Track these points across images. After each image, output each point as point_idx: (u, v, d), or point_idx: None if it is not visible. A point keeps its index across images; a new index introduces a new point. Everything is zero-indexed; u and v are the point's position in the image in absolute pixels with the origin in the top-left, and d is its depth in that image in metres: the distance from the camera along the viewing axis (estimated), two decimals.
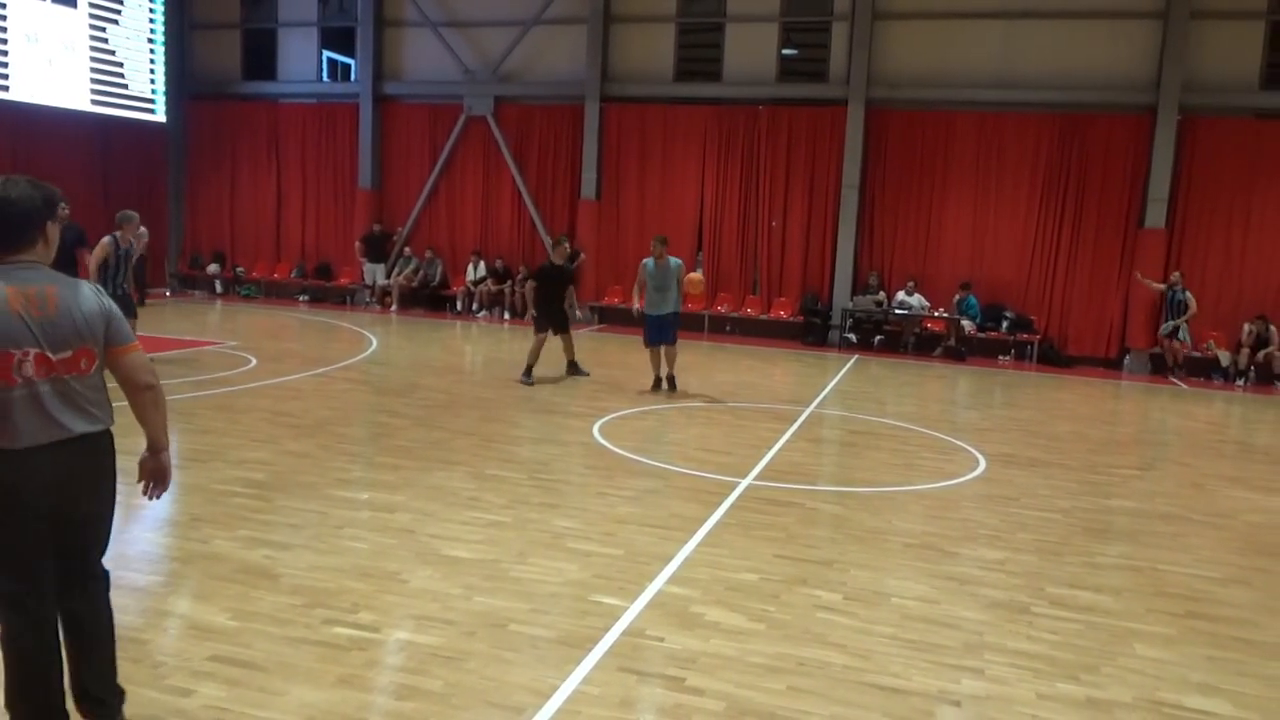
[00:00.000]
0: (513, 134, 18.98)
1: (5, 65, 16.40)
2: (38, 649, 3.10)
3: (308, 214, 20.58)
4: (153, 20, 19.38)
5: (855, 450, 9.05)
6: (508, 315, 18.52)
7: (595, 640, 4.30)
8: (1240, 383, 14.86)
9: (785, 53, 17.65)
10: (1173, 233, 15.75)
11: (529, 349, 11.30)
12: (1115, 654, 4.50)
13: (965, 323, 16.37)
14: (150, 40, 19.36)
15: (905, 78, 16.77)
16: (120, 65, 18.67)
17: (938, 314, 16.60)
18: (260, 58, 20.73)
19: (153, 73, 19.47)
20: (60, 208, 3.41)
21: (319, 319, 17.31)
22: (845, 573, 5.39)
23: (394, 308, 19.02)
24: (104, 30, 18.21)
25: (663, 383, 11.03)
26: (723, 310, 17.95)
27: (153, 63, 19.46)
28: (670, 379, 11.00)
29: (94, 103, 18.15)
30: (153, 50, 19.44)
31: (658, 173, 18.13)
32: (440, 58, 19.21)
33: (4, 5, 16.26)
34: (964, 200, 16.69)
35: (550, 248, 12.47)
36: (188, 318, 16.44)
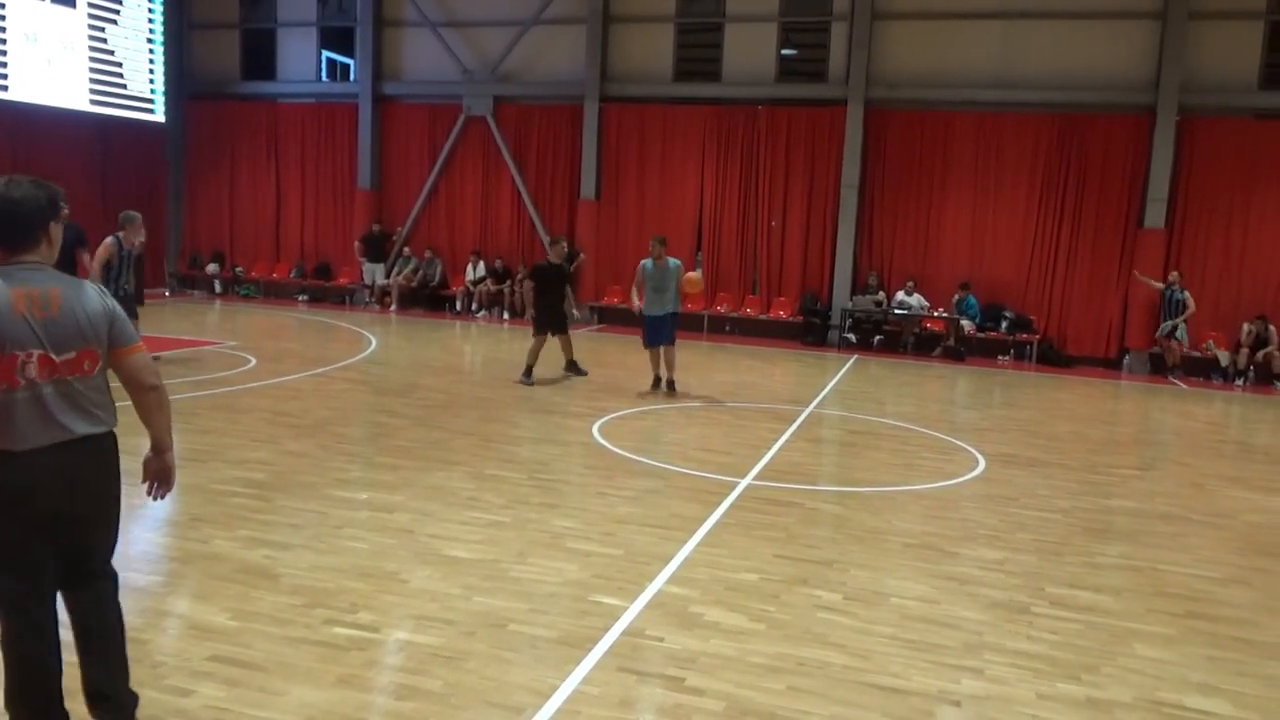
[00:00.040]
0: (512, 134, 18.99)
1: (4, 65, 16.39)
2: (38, 651, 3.09)
3: (307, 214, 20.59)
4: (152, 20, 19.38)
5: (855, 450, 9.05)
6: (507, 315, 18.52)
7: (595, 640, 4.30)
8: (1239, 383, 14.87)
9: (784, 53, 17.66)
10: (1172, 233, 15.76)
11: (528, 349, 11.31)
12: (1115, 654, 4.50)
13: (965, 323, 16.37)
14: (149, 40, 19.35)
15: (904, 78, 16.78)
16: (119, 65, 18.67)
17: (937, 314, 16.61)
18: (259, 58, 20.73)
19: (152, 72, 19.47)
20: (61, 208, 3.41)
21: (318, 319, 17.31)
22: (845, 573, 5.39)
23: (393, 308, 19.02)
24: (103, 30, 18.21)
25: (662, 382, 11.03)
26: (722, 310, 17.96)
27: (152, 62, 19.46)
28: (669, 381, 10.99)
29: (93, 103, 18.14)
30: (152, 50, 19.44)
31: (657, 173, 18.14)
32: (439, 58, 19.21)
33: (3, 5, 16.25)
34: (963, 200, 16.70)
35: (548, 246, 12.47)
36: (187, 318, 16.44)
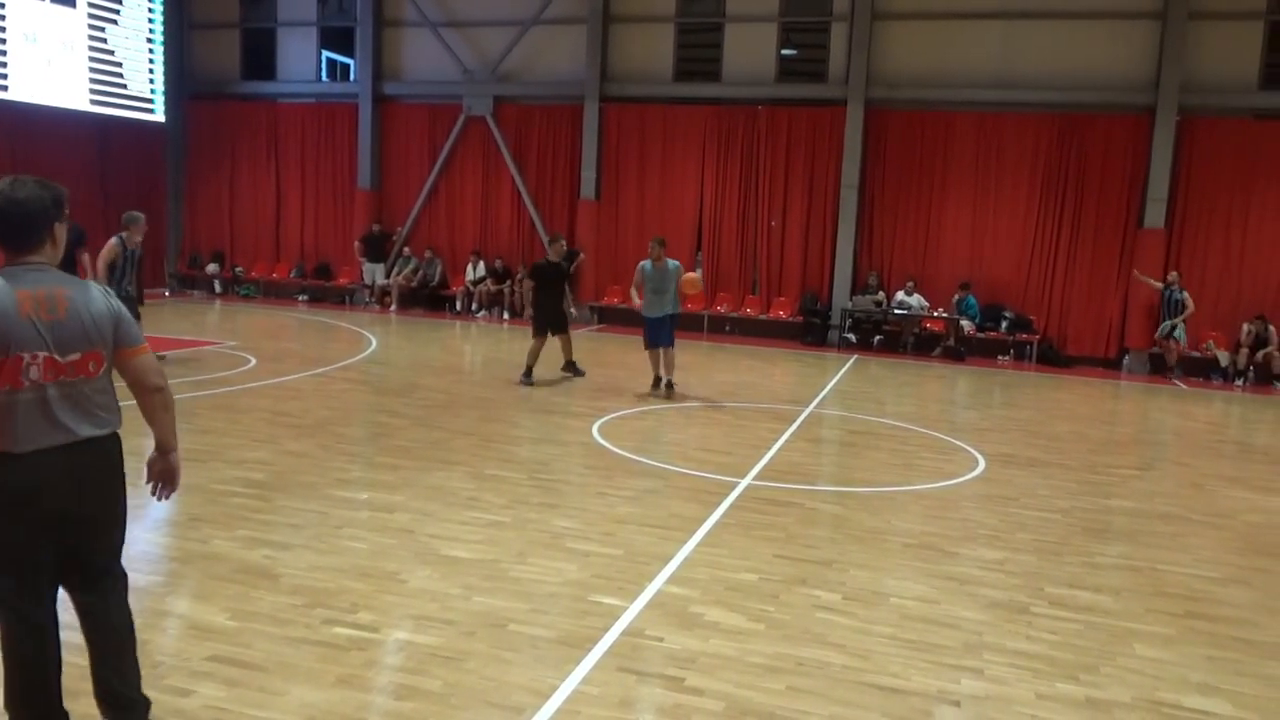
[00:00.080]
0: (512, 134, 18.99)
1: (4, 65, 16.39)
2: (38, 652, 3.09)
3: (307, 214, 20.58)
4: (152, 20, 19.38)
5: (855, 450, 9.05)
6: (507, 315, 18.52)
7: (595, 640, 4.30)
8: (1239, 383, 14.87)
9: (784, 53, 17.66)
10: (1171, 233, 15.76)
11: (528, 350, 11.31)
12: (1114, 654, 4.50)
13: (964, 323, 16.37)
14: (149, 40, 19.35)
15: (904, 78, 16.78)
16: (119, 65, 18.66)
17: (937, 314, 16.60)
18: (259, 57, 20.73)
19: (152, 72, 19.47)
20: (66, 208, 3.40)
21: (318, 319, 17.31)
22: (844, 573, 5.39)
23: (393, 308, 19.02)
24: (103, 30, 18.20)
25: (662, 382, 11.02)
26: (722, 310, 17.95)
27: (152, 62, 19.45)
28: (668, 383, 10.97)
29: (93, 102, 18.14)
30: (152, 50, 19.43)
31: (657, 173, 18.14)
32: (439, 58, 19.21)
33: (3, 5, 16.24)
34: (963, 200, 16.70)
35: (547, 245, 12.47)
36: (187, 318, 16.44)
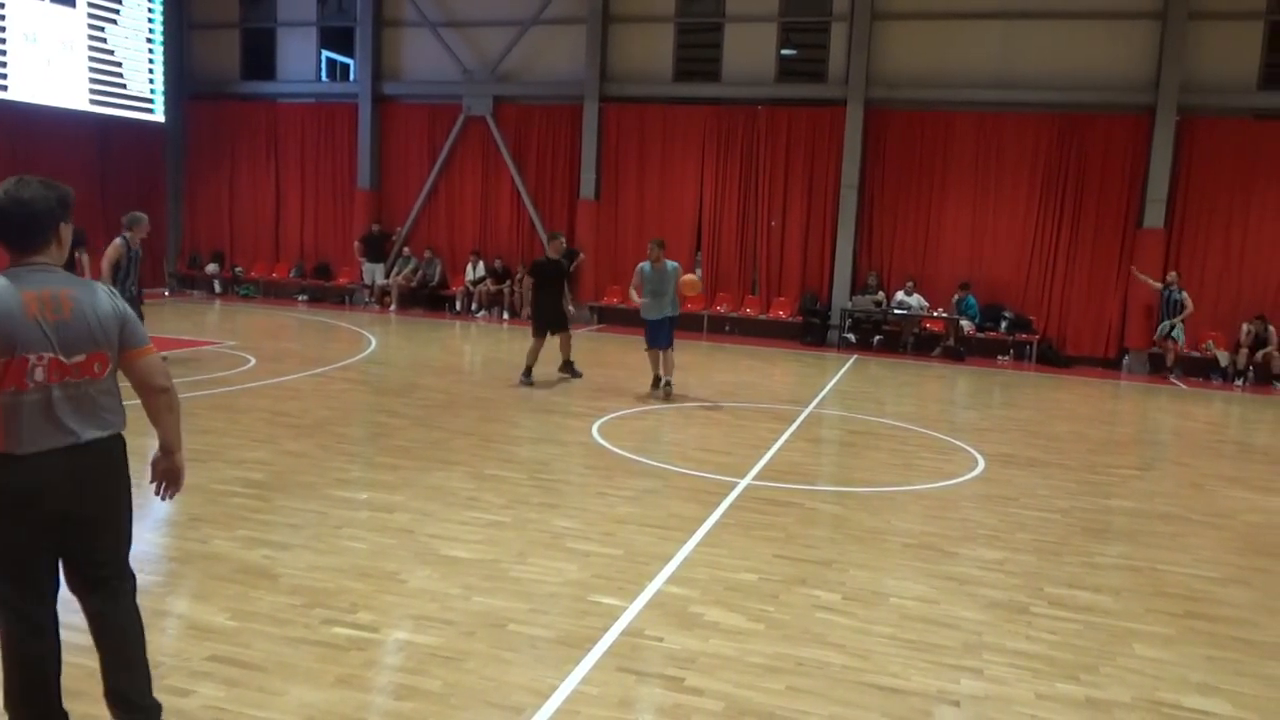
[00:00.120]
0: (512, 134, 18.99)
1: (4, 65, 16.39)
2: (38, 652, 3.09)
3: (306, 214, 20.58)
4: (151, 20, 19.38)
5: (854, 450, 9.05)
6: (507, 315, 18.52)
7: (594, 640, 4.30)
8: (1239, 383, 14.88)
9: (784, 53, 17.66)
10: (1171, 233, 15.77)
11: (528, 350, 11.28)
12: (1114, 654, 4.50)
13: (964, 323, 16.37)
14: (149, 40, 19.35)
15: (904, 78, 16.78)
16: (119, 65, 18.66)
17: (937, 314, 16.61)
18: (259, 57, 20.73)
19: (151, 72, 19.47)
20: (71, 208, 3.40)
21: (318, 319, 17.30)
22: (844, 573, 5.39)
23: (393, 308, 19.01)
24: (103, 30, 18.20)
25: (661, 381, 11.01)
26: (722, 310, 17.95)
27: (151, 62, 19.46)
28: (667, 384, 10.95)
29: (93, 102, 18.14)
30: (151, 50, 19.44)
31: (657, 173, 18.14)
32: (439, 58, 19.21)
33: (3, 5, 16.24)
34: (963, 200, 16.70)
35: (545, 242, 12.46)
36: (186, 317, 16.44)
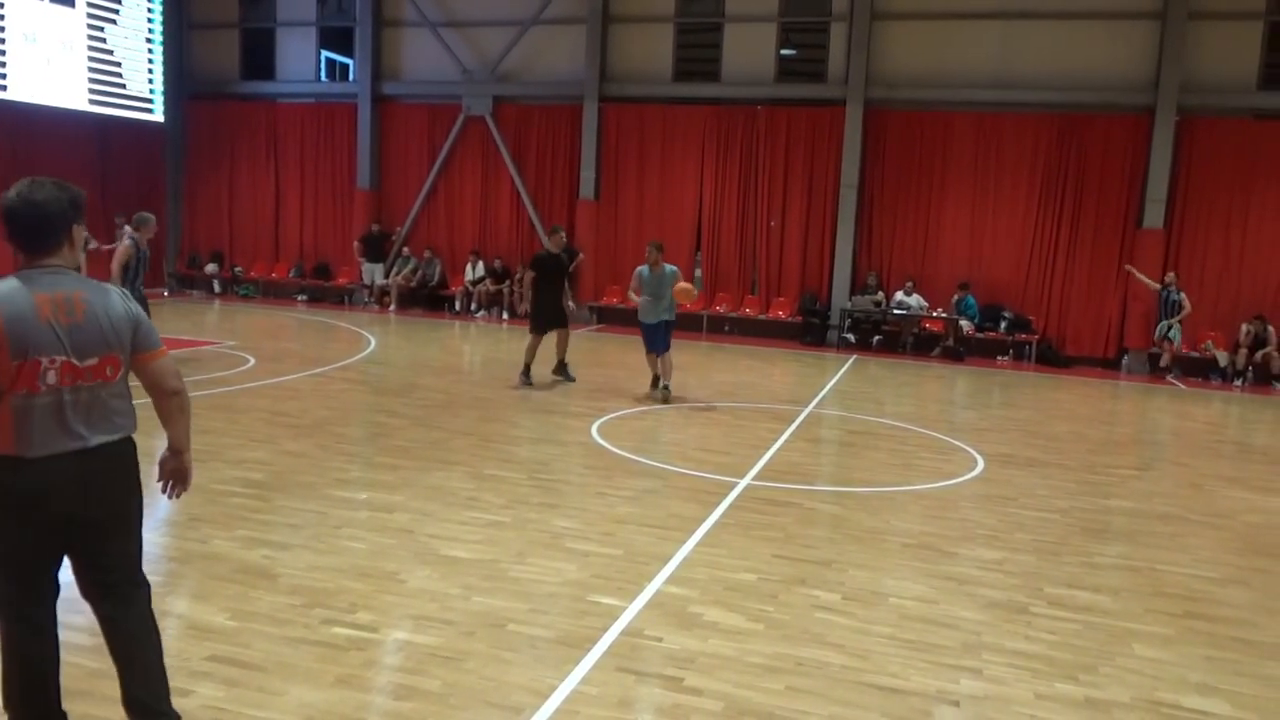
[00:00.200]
0: (511, 134, 18.99)
1: (3, 65, 16.39)
2: (38, 653, 3.09)
3: (306, 214, 20.58)
4: (151, 20, 19.38)
5: (854, 450, 9.06)
6: (506, 315, 18.52)
7: (594, 640, 4.30)
8: (1238, 383, 14.88)
9: (784, 53, 17.66)
10: (1170, 233, 15.77)
11: (525, 347, 11.25)
12: (1113, 654, 4.50)
13: (963, 323, 16.38)
14: (148, 40, 19.35)
15: (904, 78, 16.78)
16: (118, 65, 18.66)
17: (936, 314, 16.61)
18: (259, 57, 20.73)
19: (151, 72, 19.47)
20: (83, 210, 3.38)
21: (317, 319, 17.30)
22: (843, 573, 5.39)
23: (392, 308, 19.01)
24: (102, 30, 18.20)
25: (660, 382, 10.99)
26: (721, 310, 17.96)
27: (151, 62, 19.46)
28: (665, 386, 10.92)
29: (92, 102, 18.14)
30: (151, 50, 19.43)
31: (656, 173, 18.14)
32: (439, 58, 19.21)
33: (2, 5, 16.24)
34: (962, 200, 16.71)
35: (545, 237, 12.44)
36: (186, 317, 16.43)
